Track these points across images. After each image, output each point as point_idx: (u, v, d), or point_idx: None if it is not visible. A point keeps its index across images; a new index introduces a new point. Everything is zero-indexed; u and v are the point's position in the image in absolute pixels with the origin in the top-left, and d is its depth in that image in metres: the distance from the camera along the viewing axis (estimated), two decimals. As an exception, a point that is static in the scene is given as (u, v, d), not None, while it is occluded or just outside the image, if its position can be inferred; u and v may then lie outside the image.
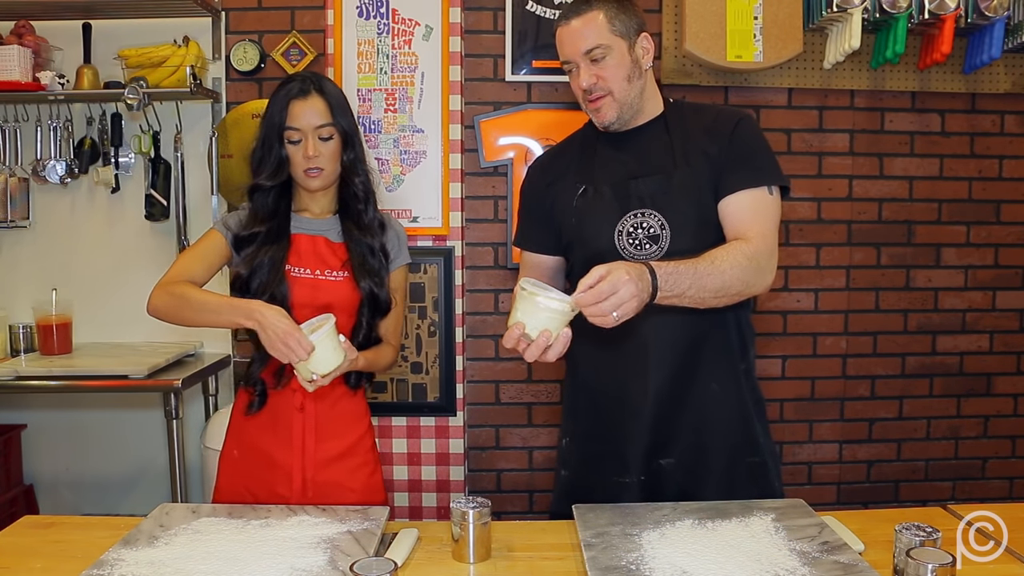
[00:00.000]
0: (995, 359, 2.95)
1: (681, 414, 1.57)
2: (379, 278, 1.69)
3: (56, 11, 2.69)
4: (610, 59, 1.55)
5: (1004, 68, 2.78)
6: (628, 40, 1.57)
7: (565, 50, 1.59)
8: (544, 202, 1.69)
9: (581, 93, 1.60)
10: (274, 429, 1.68)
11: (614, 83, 1.56)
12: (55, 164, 2.77)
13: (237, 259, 1.68)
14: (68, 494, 2.96)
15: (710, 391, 1.58)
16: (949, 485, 2.97)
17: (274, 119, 1.64)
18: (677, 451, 1.58)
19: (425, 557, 1.32)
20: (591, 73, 1.56)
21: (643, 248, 1.55)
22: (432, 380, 2.67)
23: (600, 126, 1.62)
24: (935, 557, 1.11)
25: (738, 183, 1.54)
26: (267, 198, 1.68)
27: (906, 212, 2.88)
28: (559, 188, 1.66)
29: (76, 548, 1.33)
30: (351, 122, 1.70)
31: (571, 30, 1.56)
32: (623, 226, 1.56)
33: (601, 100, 1.58)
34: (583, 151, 1.68)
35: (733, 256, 1.43)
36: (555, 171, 1.70)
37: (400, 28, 2.61)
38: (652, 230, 1.55)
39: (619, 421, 1.60)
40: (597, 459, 1.64)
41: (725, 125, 1.59)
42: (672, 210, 1.55)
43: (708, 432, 1.58)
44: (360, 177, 1.72)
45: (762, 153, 1.59)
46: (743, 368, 1.63)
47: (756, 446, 1.62)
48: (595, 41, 1.54)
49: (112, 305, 2.86)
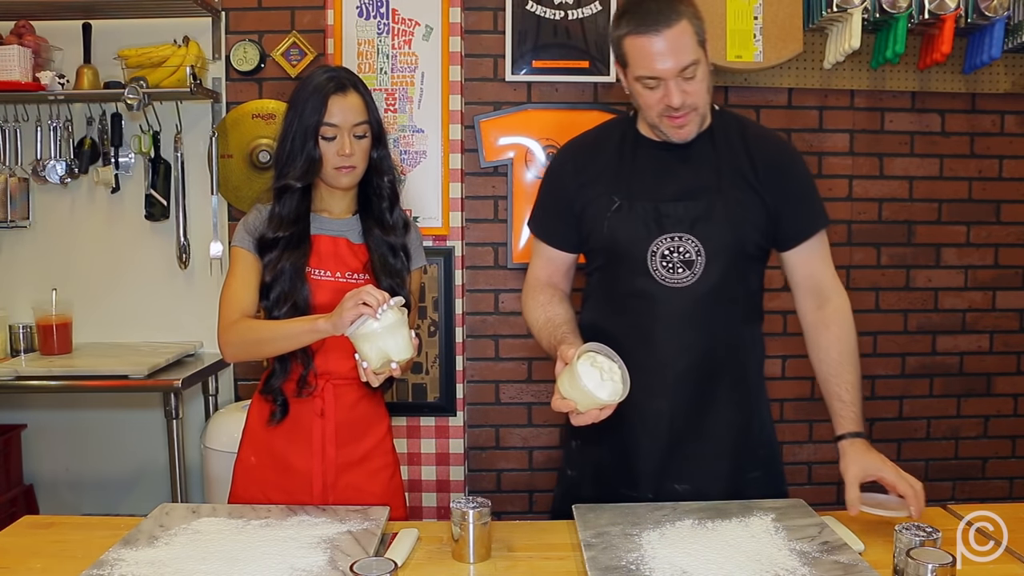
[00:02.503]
0: (995, 359, 2.95)
1: (697, 440, 1.56)
2: (400, 278, 1.65)
3: (56, 11, 2.69)
4: (699, 73, 1.44)
5: (1004, 68, 2.78)
6: (705, 49, 1.46)
7: (654, 66, 1.42)
8: (574, 203, 1.60)
9: (661, 108, 1.46)
10: (293, 435, 1.65)
11: (700, 98, 1.47)
12: (55, 164, 2.77)
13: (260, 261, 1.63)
14: (68, 494, 2.96)
15: (727, 418, 1.57)
16: (949, 485, 2.97)
17: (309, 116, 1.57)
18: (694, 477, 1.55)
19: (425, 557, 1.31)
20: (681, 90, 1.43)
21: (676, 272, 1.51)
22: (432, 380, 2.67)
23: (678, 141, 1.52)
24: (935, 557, 1.11)
25: (805, 231, 1.56)
26: (294, 199, 1.62)
27: (906, 212, 2.88)
28: (592, 194, 1.58)
29: (76, 548, 1.33)
30: (380, 120, 1.66)
31: (661, 44, 1.40)
32: (657, 247, 1.51)
33: (687, 117, 1.47)
34: (621, 156, 1.59)
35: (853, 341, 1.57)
36: (589, 173, 1.60)
37: (400, 28, 2.61)
38: (687, 255, 1.51)
39: (633, 437, 1.57)
40: (607, 468, 1.62)
41: (778, 158, 1.56)
42: (710, 237, 1.50)
43: (724, 457, 1.57)
44: (388, 176, 1.68)
45: (815, 193, 1.59)
46: (756, 383, 1.63)
47: (766, 459, 1.63)
48: (690, 57, 1.42)
49: (112, 305, 2.87)
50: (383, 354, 1.41)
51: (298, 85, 1.64)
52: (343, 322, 1.40)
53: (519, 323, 2.83)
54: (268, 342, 1.57)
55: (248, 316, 1.61)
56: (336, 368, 1.63)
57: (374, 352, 1.41)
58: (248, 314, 1.61)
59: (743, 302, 1.57)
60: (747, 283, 1.58)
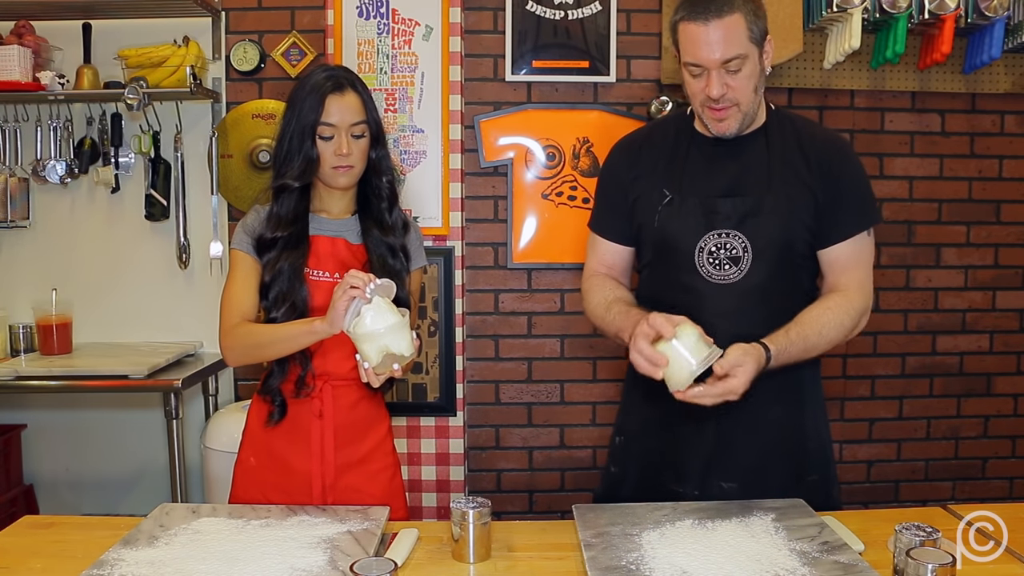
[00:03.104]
0: (995, 359, 2.95)
1: (744, 435, 1.54)
2: (400, 279, 1.64)
3: (56, 11, 2.69)
4: (745, 69, 1.44)
5: (1004, 68, 2.78)
6: (759, 47, 1.46)
7: (699, 54, 1.44)
8: (628, 195, 1.61)
9: (703, 98, 1.48)
10: (293, 436, 1.65)
11: (743, 94, 1.46)
12: (55, 164, 2.77)
13: (260, 259, 1.63)
14: (68, 494, 2.96)
15: (775, 413, 1.55)
16: (949, 485, 2.97)
17: (306, 115, 1.56)
18: (740, 473, 1.54)
19: (425, 557, 1.31)
20: (723, 82, 1.45)
21: (722, 268, 1.51)
22: (432, 380, 2.67)
23: (717, 135, 1.53)
24: (935, 557, 1.11)
25: (845, 231, 1.53)
26: (292, 199, 1.62)
27: (906, 212, 2.88)
28: (644, 186, 1.59)
29: (76, 548, 1.33)
30: (379, 119, 1.65)
31: (709, 33, 1.42)
32: (705, 243, 1.52)
33: (727, 111, 1.48)
34: (675, 150, 1.59)
35: (839, 318, 1.49)
36: (643, 166, 1.61)
37: (400, 28, 2.61)
38: (734, 251, 1.51)
39: (679, 431, 1.56)
40: (652, 464, 1.61)
41: (830, 155, 1.54)
42: (758, 234, 1.50)
43: (771, 455, 1.56)
44: (387, 176, 1.68)
45: (865, 192, 1.57)
46: (809, 383, 1.60)
47: (817, 462, 1.60)
48: (736, 50, 1.42)
49: (112, 305, 2.86)
50: (384, 354, 1.41)
51: (296, 84, 1.64)
52: (337, 315, 1.40)
53: (519, 323, 2.84)
54: (267, 346, 1.57)
55: (248, 319, 1.61)
56: (335, 369, 1.63)
57: (374, 351, 1.40)
58: (249, 317, 1.61)
59: (794, 300, 1.54)
60: (798, 281, 1.57)
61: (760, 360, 1.39)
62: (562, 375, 2.86)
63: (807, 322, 1.47)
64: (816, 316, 1.49)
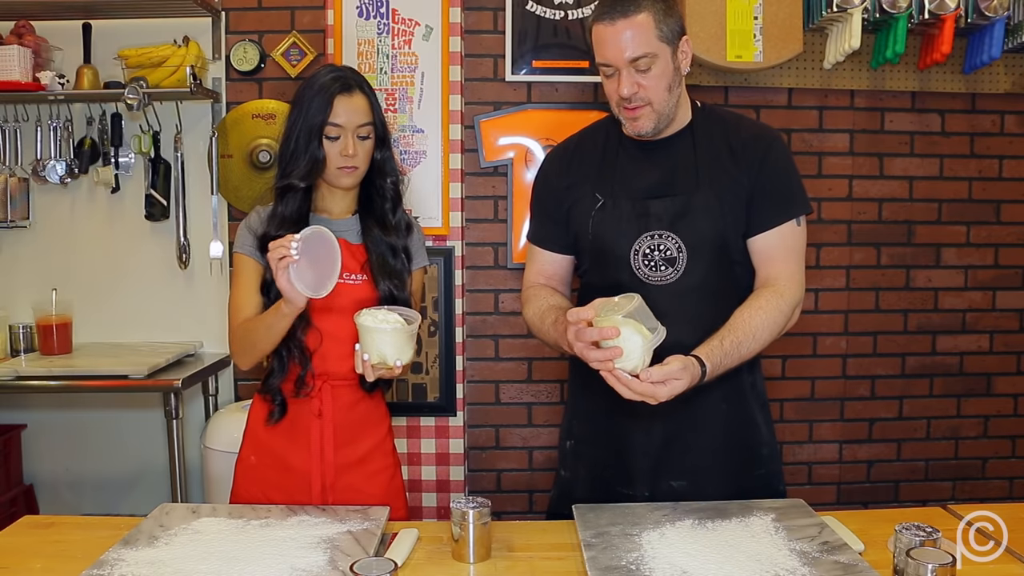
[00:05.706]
0: (995, 359, 2.95)
1: (691, 433, 1.55)
2: (400, 280, 1.64)
3: (56, 11, 2.69)
4: (655, 68, 1.45)
5: (1004, 68, 2.78)
6: (672, 46, 1.47)
7: (607, 53, 1.47)
8: (563, 203, 1.63)
9: (617, 99, 1.50)
10: (292, 435, 1.65)
11: (655, 93, 1.48)
12: (55, 164, 2.77)
13: (263, 261, 1.62)
14: (68, 494, 2.96)
15: (720, 411, 1.56)
16: (949, 485, 2.97)
17: (314, 116, 1.56)
18: (688, 472, 1.55)
19: (425, 557, 1.32)
20: (633, 81, 1.46)
21: (658, 270, 1.52)
22: (432, 380, 2.67)
23: (634, 135, 1.55)
24: (935, 557, 1.11)
25: (768, 220, 1.53)
26: (296, 199, 1.62)
27: (906, 212, 2.88)
28: (578, 194, 1.60)
29: (76, 548, 1.33)
30: (384, 121, 1.66)
31: (616, 33, 1.44)
32: (639, 246, 1.52)
33: (640, 110, 1.49)
34: (604, 155, 1.61)
35: (772, 317, 1.48)
36: (574, 174, 1.63)
37: (400, 28, 2.61)
38: (669, 252, 1.51)
39: (627, 432, 1.57)
40: (601, 467, 1.62)
41: (755, 150, 1.54)
42: (690, 233, 1.51)
43: (719, 452, 1.57)
44: (392, 177, 1.68)
45: (792, 182, 1.56)
46: (750, 379, 1.62)
47: (763, 456, 1.62)
48: (643, 49, 1.44)
49: (112, 305, 2.87)
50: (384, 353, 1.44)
51: (303, 84, 1.63)
52: (286, 291, 1.43)
53: (519, 323, 2.84)
54: (259, 340, 1.57)
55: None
56: (334, 369, 1.63)
57: (375, 350, 1.43)
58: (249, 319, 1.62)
59: (732, 297, 1.54)
60: (736, 279, 1.57)
61: (695, 379, 1.37)
62: (562, 375, 2.86)
63: (740, 327, 1.46)
64: (748, 319, 1.47)
